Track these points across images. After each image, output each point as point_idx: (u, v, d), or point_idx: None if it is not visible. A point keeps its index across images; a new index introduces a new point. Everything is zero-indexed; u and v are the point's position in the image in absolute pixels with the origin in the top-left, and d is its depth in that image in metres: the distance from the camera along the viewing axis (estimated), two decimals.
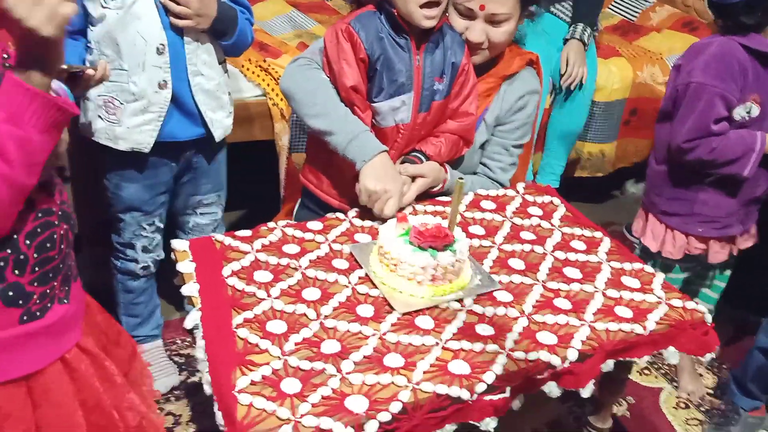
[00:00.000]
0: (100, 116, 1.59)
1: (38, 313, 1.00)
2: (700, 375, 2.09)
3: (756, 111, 1.70)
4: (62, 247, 1.03)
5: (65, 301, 1.04)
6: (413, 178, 1.52)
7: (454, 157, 1.63)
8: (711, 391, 2.04)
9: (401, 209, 1.48)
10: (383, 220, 1.42)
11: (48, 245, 0.99)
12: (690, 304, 1.29)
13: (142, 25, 1.48)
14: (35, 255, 0.98)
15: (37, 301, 0.99)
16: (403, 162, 1.55)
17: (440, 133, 1.59)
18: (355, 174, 1.46)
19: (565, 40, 2.44)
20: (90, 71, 1.40)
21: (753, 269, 2.04)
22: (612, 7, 3.21)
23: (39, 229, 0.98)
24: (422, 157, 1.55)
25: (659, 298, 1.30)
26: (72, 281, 1.07)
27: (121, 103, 1.56)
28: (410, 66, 1.49)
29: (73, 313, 1.06)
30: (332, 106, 1.48)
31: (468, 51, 1.56)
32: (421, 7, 1.41)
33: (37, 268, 0.98)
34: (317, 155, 1.62)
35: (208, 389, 1.07)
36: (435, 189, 1.58)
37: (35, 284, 0.99)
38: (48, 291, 1.01)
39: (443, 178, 1.58)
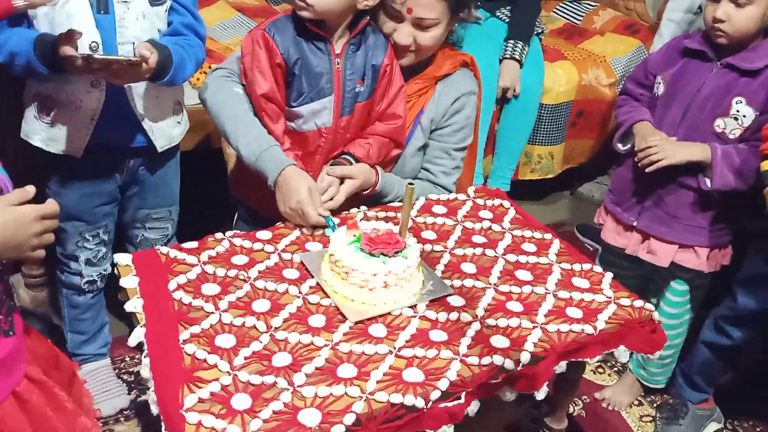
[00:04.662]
0: (35, 117, 1.54)
1: None
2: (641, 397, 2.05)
3: (661, 89, 1.76)
4: (5, 277, 0.98)
5: (11, 333, 1.00)
6: (342, 180, 1.52)
7: (385, 159, 1.63)
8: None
9: (338, 212, 1.48)
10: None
11: None
12: (638, 303, 1.31)
13: (75, 22, 1.42)
14: None
15: None
16: (331, 165, 1.55)
17: (369, 135, 1.59)
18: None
19: (501, 59, 2.46)
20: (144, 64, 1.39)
21: None
22: (557, 11, 3.27)
23: None
24: (351, 160, 1.55)
25: (608, 297, 1.32)
26: (14, 311, 1.02)
27: (54, 103, 1.51)
28: (330, 69, 1.50)
29: (19, 344, 1.01)
30: (235, 124, 1.49)
31: (391, 52, 1.57)
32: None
33: None
34: (242, 166, 1.60)
35: (154, 409, 1.03)
36: (366, 192, 1.57)
37: None
38: None
39: (374, 180, 1.58)
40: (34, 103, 1.54)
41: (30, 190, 0.97)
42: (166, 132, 1.65)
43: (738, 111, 1.63)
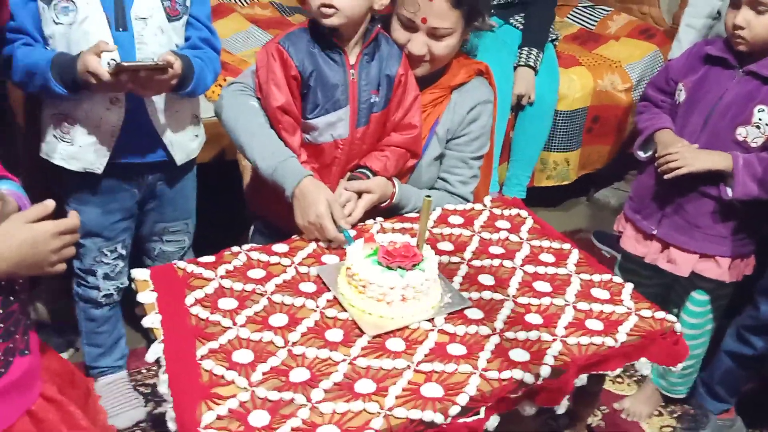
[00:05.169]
0: (54, 135, 1.55)
1: (2, 370, 0.95)
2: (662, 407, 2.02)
3: (683, 96, 1.74)
4: (22, 297, 0.98)
5: (26, 352, 1.00)
6: (359, 194, 1.50)
7: (402, 170, 1.62)
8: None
9: (354, 225, 1.46)
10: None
11: (11, 298, 0.95)
12: (659, 314, 1.29)
13: (93, 40, 1.43)
14: (0, 310, 0.93)
15: (1, 357, 0.94)
16: (349, 179, 1.54)
17: (385, 147, 1.58)
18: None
19: (515, 66, 2.45)
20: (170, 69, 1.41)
21: None
22: (570, 17, 3.25)
23: (2, 282, 0.93)
24: (369, 173, 1.54)
25: (629, 308, 1.30)
26: (30, 330, 1.02)
27: (74, 121, 1.51)
28: (345, 81, 1.49)
29: (35, 363, 1.02)
30: (251, 137, 1.48)
31: (405, 62, 1.56)
32: (319, 7, 1.40)
33: (1, 324, 0.93)
34: (258, 179, 1.60)
35: (172, 426, 1.03)
36: (384, 204, 1.56)
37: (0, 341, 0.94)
38: (11, 345, 0.96)
39: (391, 192, 1.57)
40: (54, 122, 1.54)
41: (49, 204, 0.97)
42: (185, 145, 1.66)
43: (760, 119, 1.61)
